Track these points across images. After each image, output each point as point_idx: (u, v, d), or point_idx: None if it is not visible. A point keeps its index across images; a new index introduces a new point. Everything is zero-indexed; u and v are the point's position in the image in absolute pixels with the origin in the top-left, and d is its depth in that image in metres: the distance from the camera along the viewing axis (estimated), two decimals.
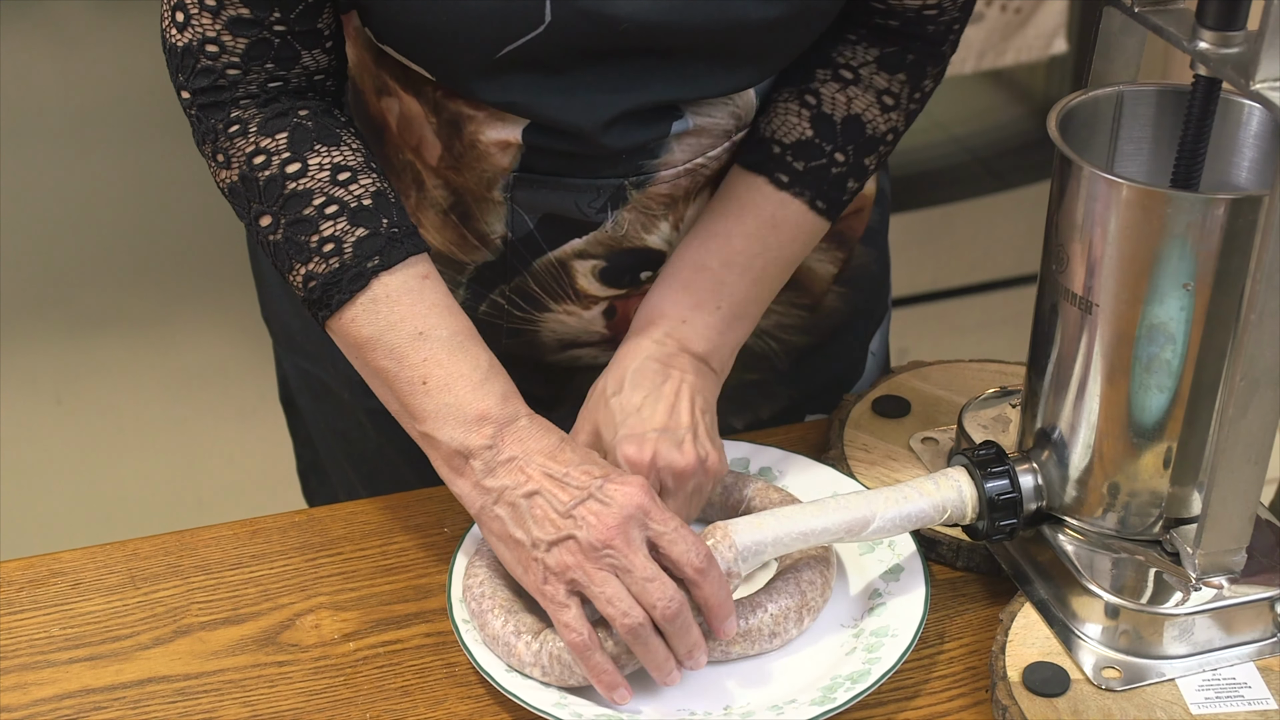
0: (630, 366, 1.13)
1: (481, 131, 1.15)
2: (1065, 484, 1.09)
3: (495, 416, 1.06)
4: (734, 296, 1.16)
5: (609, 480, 1.03)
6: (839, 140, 1.17)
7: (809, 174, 1.17)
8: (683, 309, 1.16)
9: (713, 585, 1.02)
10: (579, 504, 1.02)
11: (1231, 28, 0.95)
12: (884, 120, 1.19)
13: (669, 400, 1.11)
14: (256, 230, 1.11)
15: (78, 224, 2.48)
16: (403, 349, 1.07)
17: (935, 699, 1.07)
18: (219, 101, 1.10)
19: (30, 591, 1.16)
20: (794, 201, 1.17)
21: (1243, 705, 1.01)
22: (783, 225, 1.17)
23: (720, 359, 1.17)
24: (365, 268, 1.07)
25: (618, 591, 1.01)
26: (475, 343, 1.09)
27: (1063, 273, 1.03)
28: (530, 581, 1.04)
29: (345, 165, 1.10)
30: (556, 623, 1.02)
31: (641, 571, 1.01)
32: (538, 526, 1.03)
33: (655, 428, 1.10)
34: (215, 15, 1.07)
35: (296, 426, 1.53)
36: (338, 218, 1.08)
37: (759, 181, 1.17)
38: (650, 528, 1.02)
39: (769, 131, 1.18)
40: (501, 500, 1.05)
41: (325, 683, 1.09)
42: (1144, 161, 1.08)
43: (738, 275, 1.16)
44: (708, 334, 1.16)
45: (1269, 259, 0.93)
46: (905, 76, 1.18)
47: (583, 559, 1.01)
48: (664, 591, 1.01)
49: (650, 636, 1.01)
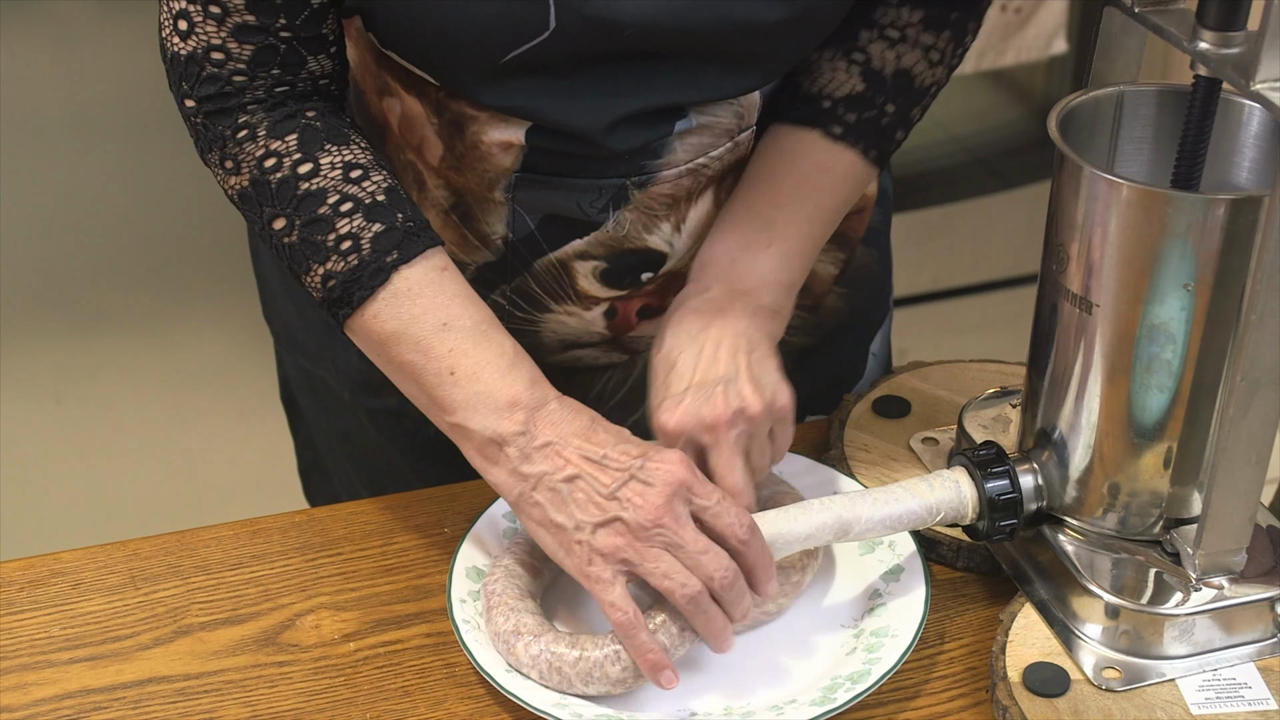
0: (672, 319, 1.13)
1: (484, 132, 1.15)
2: (1065, 484, 1.09)
3: (525, 401, 1.06)
4: (785, 234, 1.16)
5: (648, 459, 1.03)
6: (890, 92, 1.18)
7: (861, 125, 1.18)
8: (732, 250, 1.15)
9: (757, 551, 1.03)
10: (622, 485, 1.02)
11: (1232, 28, 0.95)
12: (930, 74, 1.20)
13: (706, 351, 1.10)
14: (270, 234, 1.10)
15: (78, 224, 2.48)
16: (428, 341, 1.07)
17: (935, 699, 1.07)
18: (226, 108, 1.10)
19: (30, 591, 1.16)
20: (847, 152, 1.18)
21: (1243, 705, 1.01)
22: (833, 170, 1.18)
23: (773, 294, 1.15)
24: (385, 262, 1.07)
25: (673, 565, 1.01)
26: (498, 330, 1.09)
27: (1063, 273, 1.03)
28: (574, 564, 1.04)
29: (356, 163, 1.10)
30: (602, 603, 1.02)
31: (694, 545, 1.01)
32: (581, 510, 1.03)
33: (684, 387, 1.09)
34: (220, 23, 1.07)
35: (297, 426, 1.53)
36: (353, 214, 1.08)
37: (811, 135, 1.18)
38: (694, 502, 1.03)
39: (816, 88, 1.18)
40: (541, 486, 1.05)
41: (325, 683, 1.09)
42: (1144, 162, 1.08)
43: (788, 215, 1.16)
44: (757, 270, 1.14)
45: (1269, 259, 0.93)
46: (950, 34, 1.20)
47: (632, 539, 1.02)
48: (719, 562, 1.02)
49: (709, 605, 1.02)
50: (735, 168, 1.20)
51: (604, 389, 1.34)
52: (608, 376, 1.34)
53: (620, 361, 1.33)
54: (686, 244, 1.22)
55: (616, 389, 1.35)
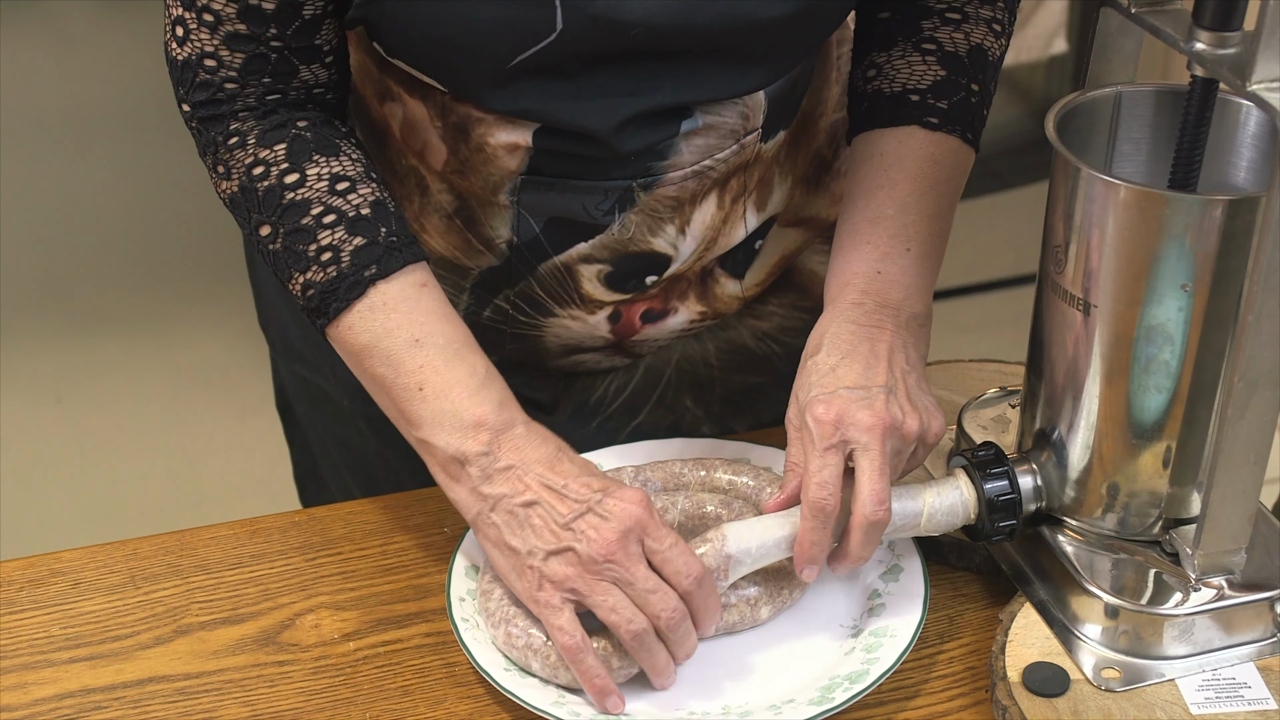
0: (828, 330, 1.10)
1: (491, 134, 1.15)
2: (1064, 485, 1.09)
3: (491, 423, 1.06)
4: (919, 236, 1.14)
5: (608, 495, 1.03)
6: (971, 71, 1.18)
7: (955, 110, 1.17)
8: (873, 263, 1.13)
9: (703, 598, 1.04)
10: (578, 517, 1.03)
11: (1228, 28, 0.95)
12: (998, 46, 1.21)
13: (865, 359, 1.08)
14: (257, 240, 1.11)
15: (78, 224, 2.48)
16: (399, 356, 1.08)
17: (935, 699, 1.07)
18: (218, 114, 1.10)
19: (30, 591, 1.16)
20: (949, 139, 1.17)
21: (1243, 705, 1.02)
22: (942, 161, 1.17)
23: (923, 300, 1.13)
24: (362, 276, 1.08)
25: (620, 600, 1.02)
26: (472, 350, 1.09)
27: (1061, 274, 1.03)
28: (523, 588, 1.05)
29: (344, 175, 1.10)
30: (549, 626, 1.03)
31: (643, 583, 1.02)
32: (536, 536, 1.04)
33: (847, 386, 1.06)
34: (213, 31, 1.08)
35: (293, 434, 1.53)
36: (335, 227, 1.08)
37: (910, 130, 1.17)
38: (646, 544, 1.03)
39: (898, 86, 1.18)
40: (499, 508, 1.05)
41: (325, 683, 1.09)
42: (1142, 162, 1.08)
43: (915, 215, 1.14)
44: (904, 278, 1.12)
45: (1267, 260, 0.93)
46: (1004, 3, 1.21)
47: (582, 570, 1.02)
48: (666, 602, 1.02)
49: (654, 643, 1.03)
50: (739, 170, 1.20)
51: (606, 393, 1.35)
52: (610, 380, 1.35)
53: (623, 365, 1.33)
54: (691, 246, 1.22)
55: (619, 393, 1.35)
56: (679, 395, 1.37)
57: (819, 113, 1.27)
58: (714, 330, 1.35)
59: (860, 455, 1.04)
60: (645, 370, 1.35)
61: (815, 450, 1.04)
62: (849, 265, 1.13)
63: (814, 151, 1.29)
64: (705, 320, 1.30)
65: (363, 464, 1.41)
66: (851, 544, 1.04)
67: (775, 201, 1.26)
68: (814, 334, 1.11)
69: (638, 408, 1.35)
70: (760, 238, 1.27)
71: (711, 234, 1.22)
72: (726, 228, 1.23)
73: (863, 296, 1.11)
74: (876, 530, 1.04)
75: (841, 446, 1.04)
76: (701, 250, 1.23)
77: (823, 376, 1.07)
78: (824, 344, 1.09)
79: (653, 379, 1.35)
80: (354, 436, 1.39)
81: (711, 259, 1.25)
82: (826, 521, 1.03)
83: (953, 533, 1.15)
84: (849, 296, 1.11)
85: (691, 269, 1.24)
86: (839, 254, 1.15)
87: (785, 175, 1.26)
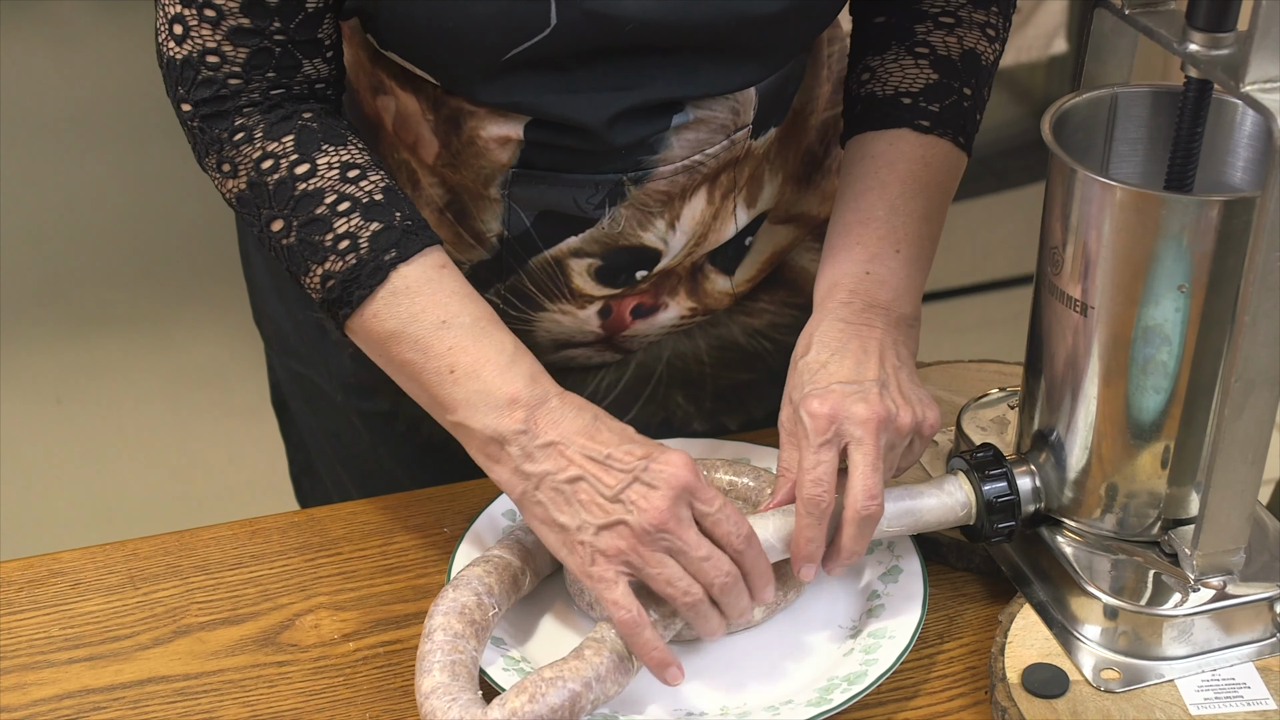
0: (817, 330, 1.11)
1: (482, 127, 1.15)
2: (1063, 485, 1.09)
3: (525, 399, 1.06)
4: (909, 238, 1.15)
5: (652, 460, 1.03)
6: (963, 75, 1.19)
7: (946, 113, 1.18)
8: (861, 263, 1.13)
9: (754, 559, 1.03)
10: (626, 487, 1.02)
11: (1221, 29, 0.95)
12: (991, 50, 1.21)
13: (856, 355, 1.08)
14: (268, 237, 1.10)
15: (78, 224, 2.49)
16: (427, 339, 1.07)
17: (935, 699, 1.07)
18: (222, 111, 1.10)
19: (30, 591, 1.16)
20: (940, 142, 1.18)
21: (1242, 706, 1.02)
22: (933, 163, 1.17)
23: (912, 301, 1.14)
24: (383, 261, 1.07)
25: (675, 572, 1.02)
26: (498, 327, 1.09)
27: (1058, 275, 1.03)
28: (576, 563, 1.04)
29: (354, 163, 1.10)
30: (605, 601, 1.02)
31: (696, 550, 1.01)
32: (585, 511, 1.03)
33: (840, 381, 1.07)
34: (215, 26, 1.08)
35: (289, 430, 1.53)
36: (351, 214, 1.08)
37: (900, 133, 1.17)
38: (695, 507, 1.02)
39: (891, 89, 1.18)
40: (544, 486, 1.04)
41: (325, 683, 1.09)
42: (1139, 163, 1.08)
43: (905, 217, 1.15)
44: (892, 279, 1.13)
45: (1263, 260, 0.93)
46: (997, 8, 1.21)
47: (635, 542, 1.02)
48: (720, 567, 1.02)
49: (709, 610, 1.03)
50: (729, 166, 1.20)
51: (597, 389, 1.35)
52: (601, 376, 1.35)
53: (613, 361, 1.33)
54: (681, 241, 1.22)
55: (610, 389, 1.35)
56: (670, 392, 1.37)
57: (810, 110, 1.28)
58: (705, 327, 1.35)
59: (854, 449, 1.05)
60: (636, 367, 1.35)
61: (810, 446, 1.04)
62: (838, 266, 1.14)
63: (805, 149, 1.29)
64: (696, 316, 1.30)
65: (357, 459, 1.41)
66: (844, 539, 1.05)
67: (765, 198, 1.26)
68: (803, 335, 1.12)
69: (629, 404, 1.35)
70: (751, 234, 1.28)
71: (701, 229, 1.22)
72: (716, 223, 1.23)
73: (851, 296, 1.12)
74: (869, 525, 1.04)
75: (836, 441, 1.04)
76: (691, 245, 1.23)
77: (814, 374, 1.08)
78: (814, 343, 1.10)
79: (644, 375, 1.35)
80: (347, 431, 1.39)
81: (702, 255, 1.25)
82: (822, 518, 1.04)
83: (952, 533, 1.15)
84: (838, 296, 1.12)
85: (682, 264, 1.25)
86: (829, 255, 1.16)
87: (776, 172, 1.26)
